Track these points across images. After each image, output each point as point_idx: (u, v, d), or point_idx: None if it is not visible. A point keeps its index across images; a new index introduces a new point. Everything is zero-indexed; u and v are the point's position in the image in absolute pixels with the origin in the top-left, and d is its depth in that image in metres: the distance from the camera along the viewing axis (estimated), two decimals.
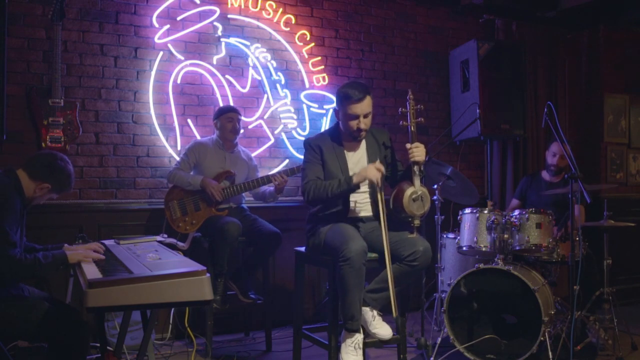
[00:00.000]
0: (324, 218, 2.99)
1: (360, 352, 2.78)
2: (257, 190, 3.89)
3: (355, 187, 2.87)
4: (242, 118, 4.00)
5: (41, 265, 2.32)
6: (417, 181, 2.84)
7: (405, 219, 2.88)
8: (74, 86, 3.84)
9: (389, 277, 2.74)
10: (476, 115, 4.45)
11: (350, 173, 2.96)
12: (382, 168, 2.86)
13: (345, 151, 3.04)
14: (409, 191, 2.81)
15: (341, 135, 3.06)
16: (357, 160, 3.05)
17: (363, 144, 3.08)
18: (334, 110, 3.05)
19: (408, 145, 2.88)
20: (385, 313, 2.98)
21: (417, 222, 2.85)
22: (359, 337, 2.78)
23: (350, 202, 3.00)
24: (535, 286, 3.28)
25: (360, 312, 2.82)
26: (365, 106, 2.92)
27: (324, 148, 3.01)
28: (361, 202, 3.04)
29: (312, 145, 3.04)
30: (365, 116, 2.94)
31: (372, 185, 2.97)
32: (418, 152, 2.85)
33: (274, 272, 4.32)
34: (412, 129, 2.96)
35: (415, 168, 2.85)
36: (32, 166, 2.50)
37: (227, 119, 3.79)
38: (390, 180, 3.13)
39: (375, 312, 2.91)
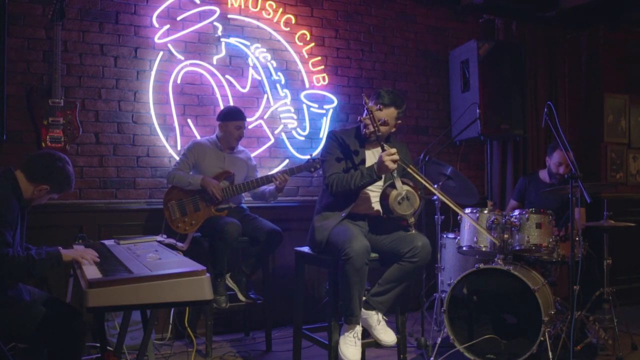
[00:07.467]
0: (332, 209, 2.98)
1: (360, 343, 2.79)
2: (257, 191, 3.88)
3: (378, 178, 2.86)
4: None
5: (34, 262, 2.27)
6: (397, 183, 2.81)
7: (399, 220, 2.88)
8: (74, 86, 3.84)
9: None
10: (476, 115, 4.45)
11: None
12: (395, 153, 2.77)
13: (366, 151, 3.07)
14: (392, 195, 2.81)
15: (362, 136, 3.07)
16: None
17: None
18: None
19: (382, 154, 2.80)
20: (389, 315, 2.98)
21: (411, 220, 2.85)
22: (358, 329, 2.80)
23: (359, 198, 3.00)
24: (535, 286, 3.28)
25: (360, 308, 2.82)
26: (384, 113, 2.92)
27: (348, 142, 3.04)
28: (366, 197, 3.05)
29: (337, 137, 3.07)
30: (383, 122, 2.92)
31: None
32: (390, 160, 2.77)
33: (274, 272, 4.32)
34: (379, 133, 2.88)
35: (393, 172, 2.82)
36: (29, 168, 2.44)
37: (235, 127, 3.78)
38: None
39: (380, 316, 2.90)
